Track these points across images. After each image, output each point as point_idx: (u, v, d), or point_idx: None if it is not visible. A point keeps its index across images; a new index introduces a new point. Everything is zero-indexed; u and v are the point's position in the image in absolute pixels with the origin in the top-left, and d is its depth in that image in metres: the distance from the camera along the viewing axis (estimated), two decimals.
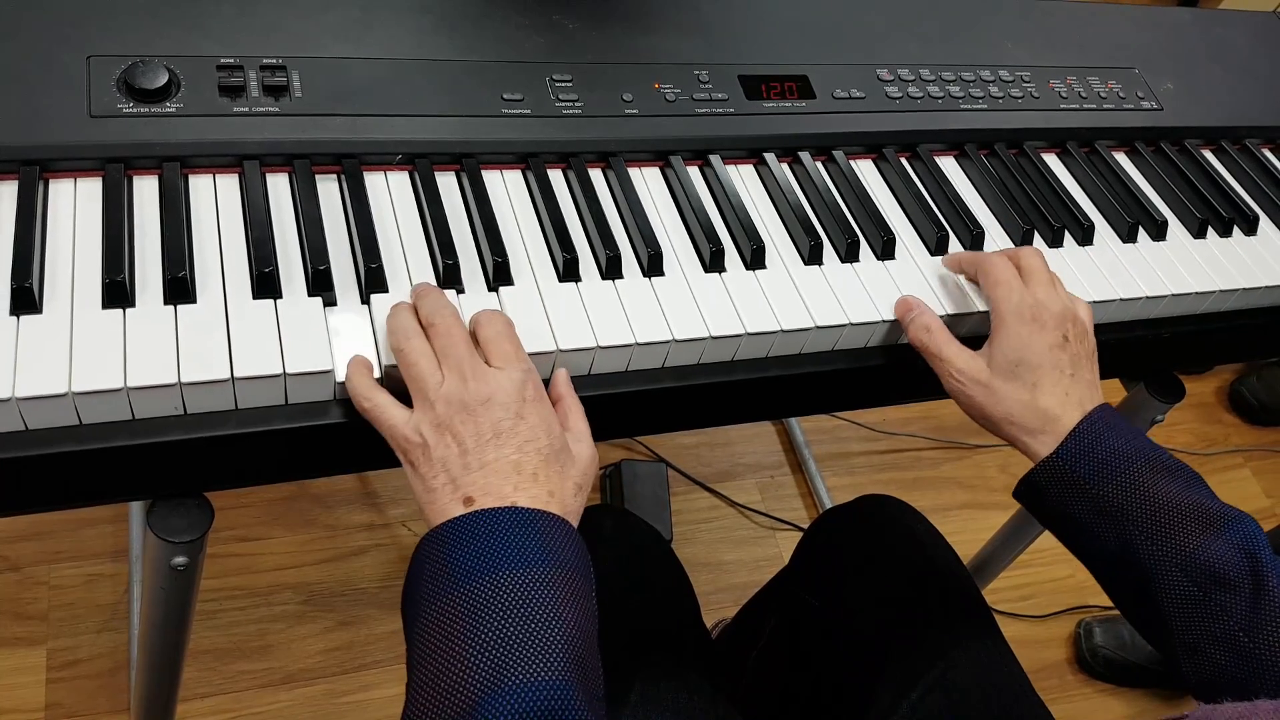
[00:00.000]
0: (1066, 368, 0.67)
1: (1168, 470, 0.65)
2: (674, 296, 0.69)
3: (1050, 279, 0.71)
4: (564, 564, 0.53)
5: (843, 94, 0.85)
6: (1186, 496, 0.64)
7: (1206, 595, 0.61)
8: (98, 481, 0.58)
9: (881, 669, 0.84)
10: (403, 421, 0.57)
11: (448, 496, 0.55)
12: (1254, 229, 0.90)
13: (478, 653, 0.49)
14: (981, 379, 0.68)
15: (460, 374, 0.57)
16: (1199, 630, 0.62)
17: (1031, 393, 0.67)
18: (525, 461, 0.56)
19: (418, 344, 0.58)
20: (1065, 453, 0.66)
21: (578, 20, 0.81)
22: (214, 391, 0.57)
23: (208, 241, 0.63)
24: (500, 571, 0.51)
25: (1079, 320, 0.70)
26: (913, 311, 0.72)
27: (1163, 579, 0.63)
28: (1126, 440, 0.66)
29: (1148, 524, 0.63)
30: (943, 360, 0.69)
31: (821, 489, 1.71)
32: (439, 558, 0.53)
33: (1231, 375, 2.10)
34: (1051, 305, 0.68)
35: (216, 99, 0.68)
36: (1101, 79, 0.96)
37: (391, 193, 0.70)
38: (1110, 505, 0.64)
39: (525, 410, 0.57)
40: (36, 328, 0.56)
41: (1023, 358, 0.67)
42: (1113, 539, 0.65)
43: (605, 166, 0.76)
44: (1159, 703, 1.59)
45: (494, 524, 0.53)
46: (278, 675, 1.34)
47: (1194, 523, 0.63)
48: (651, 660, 0.79)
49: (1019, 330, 0.67)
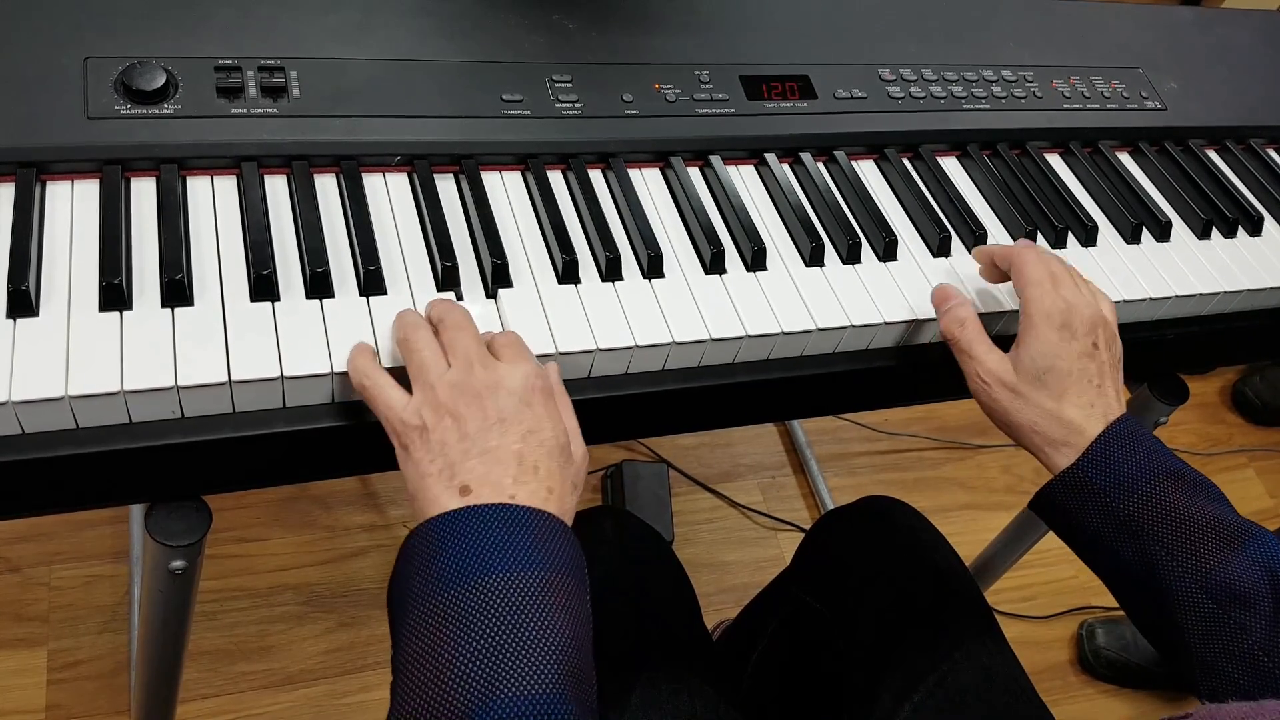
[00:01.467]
0: (1094, 378, 0.66)
1: (1189, 485, 0.64)
2: (674, 298, 0.69)
3: (1078, 281, 0.68)
4: (558, 567, 0.51)
5: (844, 94, 0.84)
6: (1208, 512, 0.63)
7: (1226, 613, 0.60)
8: (95, 485, 0.58)
9: (883, 670, 0.84)
10: (400, 404, 0.55)
11: (442, 484, 0.53)
12: (1259, 229, 0.90)
13: (468, 662, 0.47)
14: (1008, 383, 0.66)
15: (468, 362, 0.55)
16: (1217, 648, 0.61)
17: (1057, 402, 0.65)
18: (528, 452, 0.54)
19: (424, 335, 0.57)
20: (1086, 465, 0.64)
21: (577, 20, 0.81)
22: (211, 395, 0.57)
23: (205, 244, 0.63)
24: (491, 574, 0.49)
25: (1109, 324, 0.68)
26: (950, 301, 0.70)
27: (1182, 596, 0.62)
28: (1148, 454, 0.64)
29: (1168, 540, 0.62)
30: (972, 358, 0.67)
31: (823, 490, 1.70)
32: (428, 555, 0.51)
33: (1235, 375, 2.09)
34: (1083, 310, 0.66)
35: (214, 100, 0.67)
36: (1105, 79, 0.95)
37: (390, 194, 0.70)
38: (1130, 520, 0.63)
39: (533, 400, 0.55)
40: (33, 331, 0.56)
41: (1052, 365, 0.65)
42: (1132, 554, 0.63)
43: (605, 167, 0.76)
44: (1161, 704, 1.59)
45: (487, 522, 0.51)
46: (278, 676, 1.34)
47: (1215, 539, 0.61)
48: (652, 662, 0.79)
49: (1049, 336, 0.65)
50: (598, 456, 1.66)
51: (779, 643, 1.02)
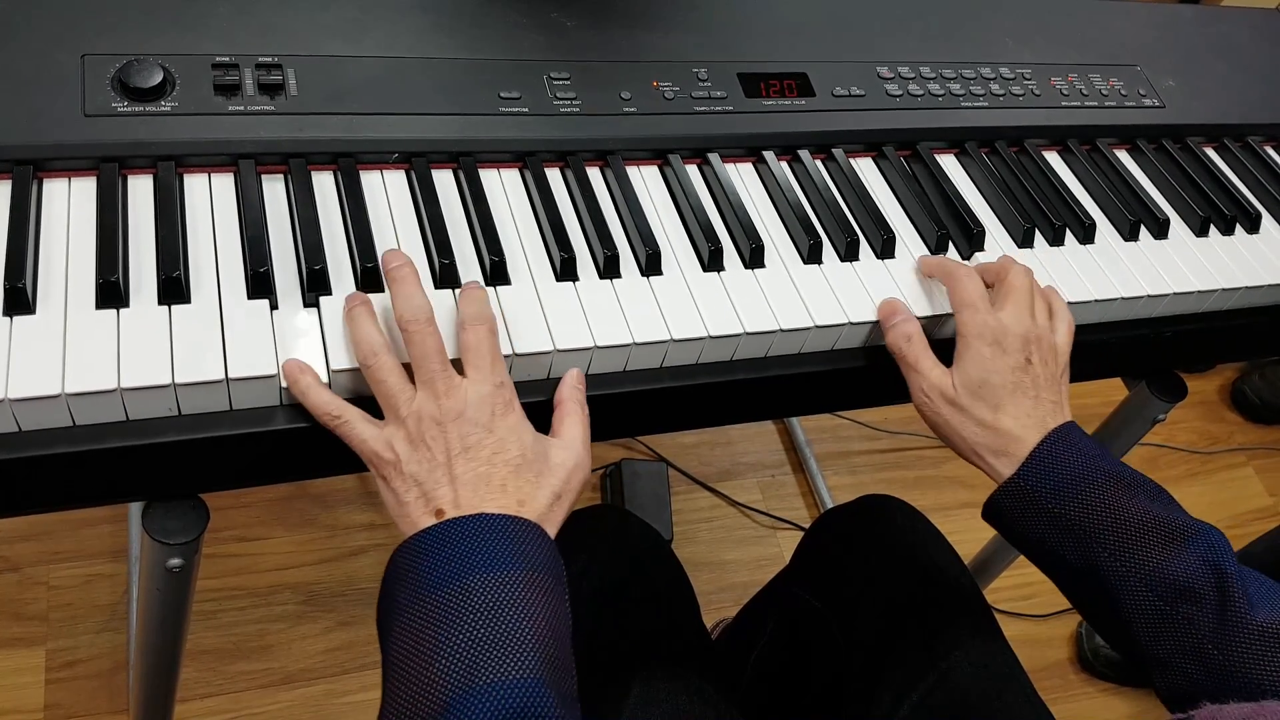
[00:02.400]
0: (1029, 389, 0.67)
1: (1129, 486, 0.65)
2: (672, 296, 0.68)
3: (1028, 302, 0.70)
4: (534, 565, 0.54)
5: (842, 92, 0.84)
6: (1149, 512, 0.64)
7: (1173, 609, 0.61)
8: (92, 483, 0.58)
9: (882, 669, 0.84)
10: (374, 437, 0.58)
11: (419, 509, 0.56)
12: (1256, 227, 0.90)
13: (449, 656, 0.49)
14: (949, 396, 0.68)
15: (433, 390, 0.57)
16: (1168, 644, 0.62)
17: (994, 414, 0.67)
18: (494, 473, 0.57)
19: (385, 360, 0.58)
20: (1026, 473, 0.66)
21: (576, 18, 0.81)
22: (208, 392, 0.57)
23: (202, 241, 0.63)
24: (471, 576, 0.52)
25: (1045, 342, 0.69)
26: (896, 316, 0.71)
27: (1129, 595, 0.63)
28: (1086, 458, 0.66)
29: (1111, 541, 0.63)
30: (917, 372, 0.69)
31: (823, 488, 1.70)
32: (411, 567, 0.54)
33: (1234, 373, 2.09)
34: (1015, 328, 0.68)
35: (212, 98, 0.67)
36: (1103, 76, 0.95)
37: (388, 192, 0.70)
38: (1073, 524, 0.64)
39: (495, 424, 0.58)
40: (30, 328, 0.56)
41: (985, 379, 0.67)
42: (1078, 557, 0.65)
43: (603, 165, 0.76)
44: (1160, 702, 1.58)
45: (464, 531, 0.54)
46: (278, 675, 1.33)
47: (1157, 538, 0.63)
48: (650, 662, 0.79)
49: (981, 351, 0.67)
50: (597, 455, 1.66)
51: (778, 642, 1.02)
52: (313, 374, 0.58)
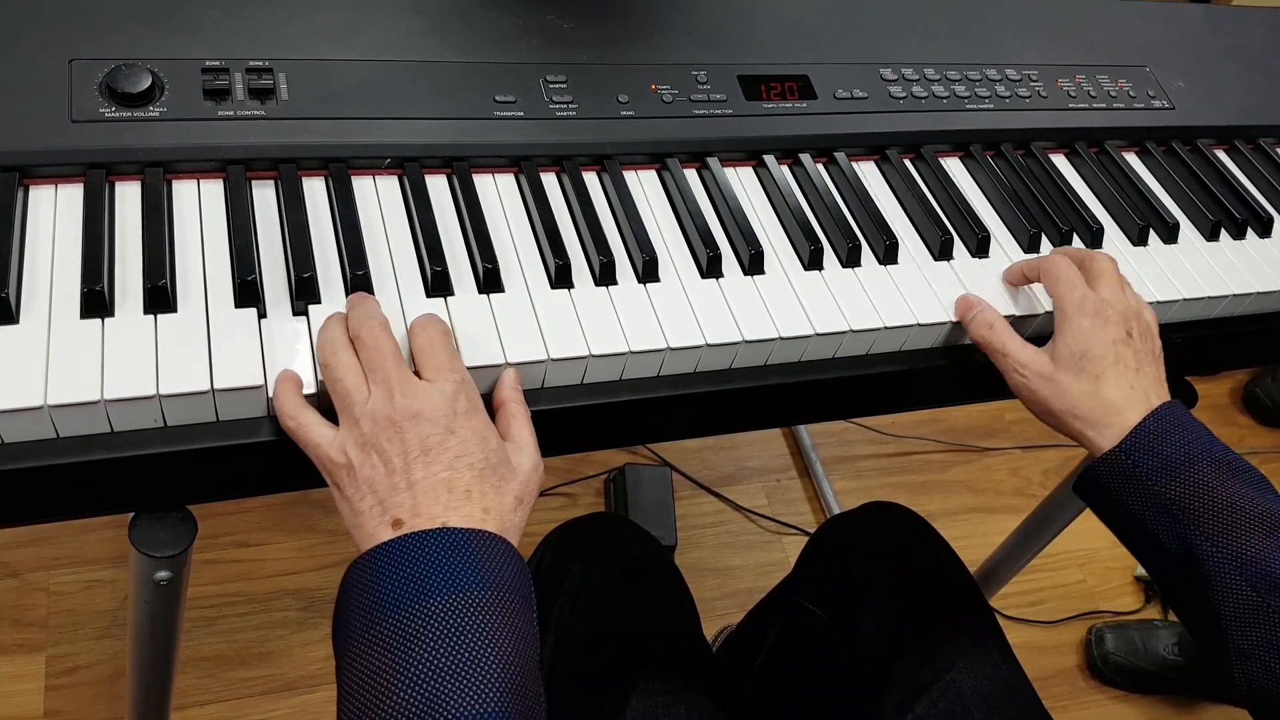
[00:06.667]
0: (1130, 362, 0.67)
1: (1233, 471, 0.64)
2: (670, 303, 0.67)
3: (1119, 281, 0.70)
4: (499, 585, 0.50)
5: (844, 94, 0.83)
6: (1252, 499, 0.62)
7: (1265, 601, 0.60)
8: (76, 496, 0.57)
9: (886, 678, 0.83)
10: (327, 441, 0.55)
11: (375, 520, 0.53)
12: (1268, 230, 0.88)
13: (408, 687, 0.46)
14: (1045, 372, 0.67)
15: (387, 389, 0.54)
16: (1256, 636, 0.60)
17: (1095, 384, 0.66)
18: (457, 479, 0.53)
19: (344, 358, 0.56)
20: (1128, 447, 0.64)
21: (572, 20, 0.79)
22: (194, 403, 0.56)
23: (190, 249, 0.62)
24: (431, 599, 0.49)
25: (1143, 318, 0.69)
26: (974, 309, 0.72)
27: (1221, 582, 0.61)
28: (1193, 438, 0.65)
29: (1209, 525, 0.62)
30: (1006, 355, 0.69)
31: (828, 493, 1.69)
32: (367, 586, 0.50)
33: (1246, 377, 2.07)
34: (1115, 303, 0.68)
35: (201, 102, 0.66)
36: (1111, 77, 0.93)
37: (380, 197, 0.68)
38: (1172, 503, 0.63)
39: (456, 424, 0.54)
40: (12, 338, 0.55)
41: (1086, 350, 0.66)
42: (1172, 538, 0.63)
43: (600, 169, 0.75)
44: (1171, 710, 1.57)
45: (424, 547, 0.50)
46: (278, 682, 1.33)
47: (1258, 526, 0.61)
48: (648, 676, 0.78)
49: (1082, 323, 0.67)
50: (600, 460, 1.65)
51: (781, 650, 1.01)
52: (290, 379, 0.57)
